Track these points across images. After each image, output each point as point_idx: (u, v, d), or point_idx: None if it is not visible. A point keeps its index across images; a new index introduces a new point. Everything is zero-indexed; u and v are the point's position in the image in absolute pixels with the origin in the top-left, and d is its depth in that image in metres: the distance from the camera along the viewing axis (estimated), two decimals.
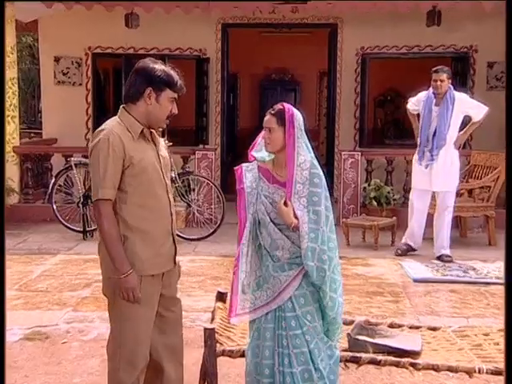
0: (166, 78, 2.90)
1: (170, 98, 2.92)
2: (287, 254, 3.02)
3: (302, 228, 2.94)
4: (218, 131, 10.69)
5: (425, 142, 6.85)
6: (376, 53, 10.35)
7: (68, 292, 5.73)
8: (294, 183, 2.96)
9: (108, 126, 2.91)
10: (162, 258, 2.97)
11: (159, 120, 2.95)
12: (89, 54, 10.57)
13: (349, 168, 8.82)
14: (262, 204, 3.05)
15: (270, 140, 3.04)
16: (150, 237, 2.91)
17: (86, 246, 7.63)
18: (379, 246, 7.47)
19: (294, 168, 2.97)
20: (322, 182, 3.00)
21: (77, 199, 8.14)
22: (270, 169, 3.11)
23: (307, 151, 3.02)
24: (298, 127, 3.01)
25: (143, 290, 2.90)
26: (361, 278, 6.25)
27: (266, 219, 3.04)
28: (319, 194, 2.97)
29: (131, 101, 2.95)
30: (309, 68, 14.29)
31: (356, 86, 10.48)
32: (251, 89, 15.24)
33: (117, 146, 2.83)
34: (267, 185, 3.07)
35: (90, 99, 10.68)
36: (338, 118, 10.59)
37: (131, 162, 2.85)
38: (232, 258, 7.34)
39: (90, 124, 10.64)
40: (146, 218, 2.90)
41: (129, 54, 10.49)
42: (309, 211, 2.95)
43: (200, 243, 7.68)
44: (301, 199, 2.96)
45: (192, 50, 10.51)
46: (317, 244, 2.94)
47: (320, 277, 2.94)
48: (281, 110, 3.04)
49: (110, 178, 2.82)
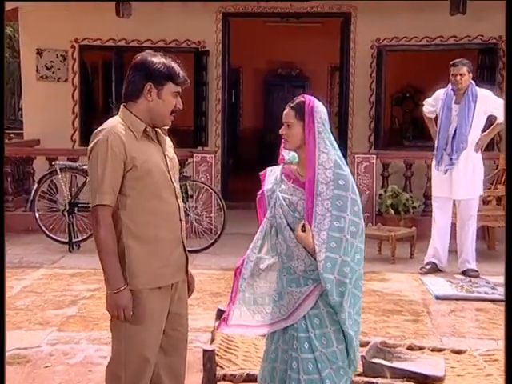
0: (166, 70, 2.93)
1: (172, 92, 2.95)
2: (302, 266, 3.00)
3: (318, 236, 2.91)
4: (218, 132, 10.70)
5: (443, 145, 6.81)
6: (393, 45, 10.36)
7: (52, 310, 5.73)
8: (315, 184, 2.93)
9: (107, 126, 2.93)
10: (171, 268, 2.98)
11: (163, 117, 2.97)
12: (75, 46, 10.61)
13: (363, 172, 8.81)
14: (279, 207, 3.04)
15: (288, 136, 3.04)
16: (157, 245, 2.92)
17: (72, 258, 7.63)
18: (397, 259, 7.45)
19: (316, 167, 2.94)
20: (349, 185, 2.96)
21: (62, 207, 8.15)
22: (293, 169, 3.10)
23: (331, 148, 2.99)
24: (320, 121, 3.00)
25: (150, 305, 2.91)
26: (376, 295, 6.23)
27: (282, 223, 3.02)
28: (345, 199, 2.93)
29: (131, 99, 2.97)
30: (319, 62, 14.32)
31: (371, 81, 10.49)
32: (255, 85, 15.27)
33: (117, 146, 2.85)
34: (287, 185, 3.07)
35: (77, 96, 10.71)
36: (351, 118, 10.59)
37: (133, 164, 2.87)
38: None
39: (77, 124, 10.67)
40: (152, 224, 2.91)
41: (120, 46, 10.53)
42: (331, 217, 2.92)
43: (198, 255, 7.68)
44: (324, 202, 2.93)
45: (190, 42, 10.54)
46: (338, 254, 2.90)
47: (339, 292, 2.91)
48: (301, 102, 3.03)
49: (110, 181, 2.84)
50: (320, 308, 2.98)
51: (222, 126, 10.74)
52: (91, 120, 11.39)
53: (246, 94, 15.41)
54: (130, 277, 2.88)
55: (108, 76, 11.32)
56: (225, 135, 10.81)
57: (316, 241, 2.91)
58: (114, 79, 10.65)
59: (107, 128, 2.91)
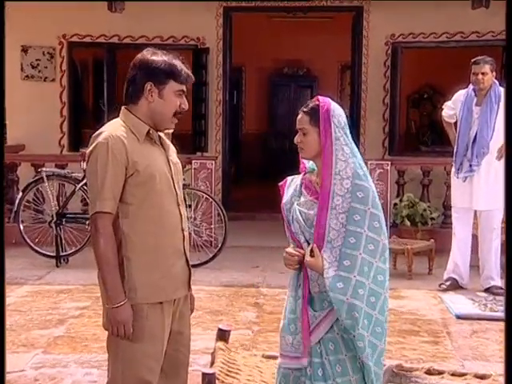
0: (167, 68, 2.95)
1: (175, 91, 2.97)
2: (316, 288, 2.98)
3: (330, 253, 2.89)
4: (218, 136, 10.71)
5: (463, 150, 6.79)
6: (410, 41, 10.36)
7: (37, 330, 5.72)
8: (330, 195, 2.91)
9: (108, 129, 2.96)
10: (173, 281, 2.99)
11: (165, 118, 2.99)
12: (63, 42, 10.64)
13: (376, 180, 8.80)
14: (296, 221, 3.02)
15: (303, 144, 3.01)
16: (158, 256, 2.94)
17: (60, 274, 7.63)
18: (414, 275, 7.43)
19: (332, 176, 2.92)
20: (369, 198, 2.92)
21: (49, 218, 8.15)
22: (312, 180, 3.07)
23: (350, 156, 2.97)
24: (338, 126, 2.99)
25: (150, 321, 2.91)
26: (391, 314, 6.18)
27: (300, 240, 3.01)
28: (362, 213, 2.90)
29: (132, 101, 3.00)
30: (328, 60, 14.33)
31: (385, 81, 10.49)
32: (259, 85, 15.29)
33: (118, 150, 2.87)
34: (306, 198, 3.04)
35: (65, 97, 10.73)
36: (364, 121, 10.59)
37: (136, 169, 2.89)
38: (236, 288, 7.34)
39: (65, 127, 10.68)
40: (154, 234, 2.92)
41: (112, 43, 10.55)
42: (346, 232, 2.89)
43: (197, 270, 7.65)
44: (339, 216, 2.91)
45: (188, 38, 10.56)
46: (353, 273, 2.86)
47: (351, 316, 2.86)
48: (315, 106, 3.01)
49: (110, 187, 2.86)
50: (334, 332, 2.95)
51: (223, 130, 10.75)
52: (81, 123, 11.42)
53: (249, 95, 15.43)
54: (128, 290, 2.89)
55: (99, 75, 11.35)
56: (226, 140, 10.82)
57: (327, 257, 2.89)
58: (106, 79, 10.67)
59: (107, 131, 2.93)
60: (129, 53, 13.27)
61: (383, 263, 2.95)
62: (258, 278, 7.36)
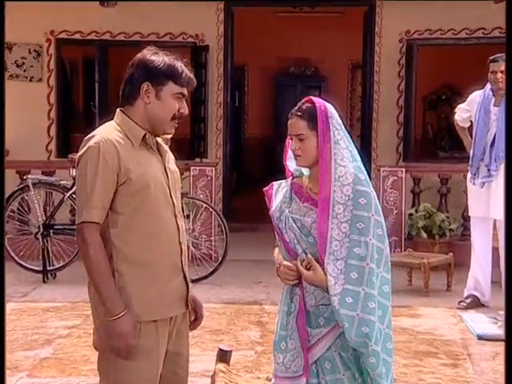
0: (166, 68, 2.98)
1: (174, 93, 2.99)
2: (313, 300, 2.99)
3: (334, 266, 2.89)
4: (219, 141, 10.72)
5: (480, 154, 6.79)
6: (426, 38, 10.38)
7: (22, 352, 5.71)
8: (331, 203, 2.92)
9: (100, 132, 2.97)
10: (169, 298, 2.99)
11: (162, 121, 3.00)
12: (51, 39, 10.66)
13: (390, 189, 8.80)
14: (290, 230, 3.02)
15: (301, 151, 3.01)
16: (153, 271, 2.94)
17: (47, 290, 7.62)
18: (431, 292, 7.42)
19: (331, 183, 2.93)
20: (372, 204, 2.95)
21: (35, 229, 8.15)
22: (303, 185, 3.09)
23: (350, 160, 2.98)
24: (337, 128, 2.99)
25: (144, 341, 2.91)
26: (407, 334, 6.20)
27: (297, 250, 3.02)
28: (366, 220, 2.92)
29: (128, 101, 3.02)
30: (338, 59, 14.36)
31: (399, 82, 10.50)
32: (262, 86, 15.31)
33: (109, 155, 2.87)
34: (298, 205, 3.05)
35: (53, 99, 10.75)
36: (376, 124, 10.59)
37: (128, 177, 2.89)
38: (238, 305, 7.33)
39: (53, 131, 10.70)
40: (148, 247, 2.93)
41: (104, 40, 10.58)
42: (350, 242, 2.90)
43: (196, 286, 7.57)
44: (341, 225, 2.92)
45: (186, 35, 10.58)
46: (361, 287, 2.88)
47: (361, 333, 2.86)
48: (311, 107, 3.01)
49: (99, 195, 2.86)
50: (331, 350, 2.97)
51: (224, 134, 10.76)
52: (70, 127, 11.44)
53: (253, 96, 15.45)
54: None
55: (90, 75, 11.37)
56: (227, 145, 10.83)
57: (331, 271, 2.89)
58: (98, 79, 10.69)
59: (99, 134, 2.94)
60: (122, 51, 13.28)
61: (387, 273, 2.99)
62: (262, 294, 7.35)
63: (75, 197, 2.95)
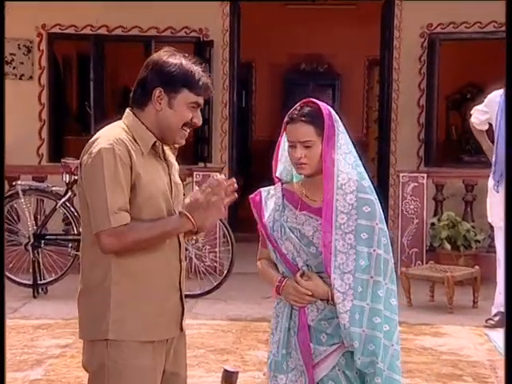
0: (182, 74, 2.95)
1: (189, 103, 2.97)
2: (314, 312, 3.00)
3: (341, 280, 2.91)
4: (224, 144, 10.72)
5: (504, 158, 6.80)
6: (450, 32, 10.37)
7: (11, 373, 5.69)
8: (333, 213, 2.94)
9: (109, 133, 2.94)
10: (165, 318, 2.99)
11: (173, 131, 2.99)
12: (43, 34, 10.69)
13: (410, 196, 8.79)
14: (288, 241, 3.04)
15: (308, 159, 3.01)
16: (152, 287, 2.95)
17: (37, 306, 7.62)
18: (455, 308, 7.40)
19: (333, 191, 2.95)
20: (376, 212, 2.99)
21: (25, 240, 8.16)
22: (297, 192, 3.10)
23: (353, 166, 3.01)
24: (342, 132, 3.02)
25: (140, 361, 2.91)
26: (429, 354, 6.19)
27: (297, 263, 3.03)
28: (370, 230, 2.95)
29: (138, 105, 3.01)
30: (353, 55, 14.36)
31: (420, 79, 10.49)
32: (271, 84, 15.32)
33: (124, 157, 2.87)
34: (294, 213, 3.06)
35: (45, 98, 10.77)
36: (395, 126, 10.58)
37: (137, 184, 2.89)
38: (245, 323, 7.31)
39: (45, 133, 10.72)
40: (148, 261, 2.93)
41: (100, 35, 10.60)
42: (356, 254, 2.92)
43: (199, 301, 7.65)
44: (346, 236, 2.94)
45: (189, 29, 10.60)
46: (365, 301, 2.91)
47: (368, 352, 2.89)
48: (315, 110, 3.02)
49: (124, 197, 2.85)
50: (335, 369, 2.97)
51: (230, 137, 10.77)
52: (63, 129, 11.46)
53: (260, 95, 15.46)
54: (113, 323, 2.89)
55: (85, 73, 11.39)
56: (233, 148, 10.83)
57: (338, 286, 2.91)
58: (93, 77, 10.70)
59: (110, 135, 2.92)
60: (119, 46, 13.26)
61: (392, 283, 3.00)
62: (270, 310, 7.30)
63: (89, 205, 2.90)
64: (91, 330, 2.94)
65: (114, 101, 13.10)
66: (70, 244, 7.99)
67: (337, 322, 2.96)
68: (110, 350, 2.89)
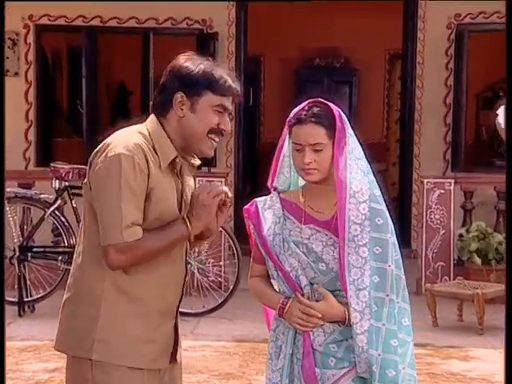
0: (203, 75, 2.96)
1: (213, 106, 2.97)
2: (321, 336, 3.00)
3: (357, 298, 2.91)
4: (230, 147, 10.74)
5: None
6: (480, 23, 10.37)
7: None
8: (346, 224, 2.94)
9: (127, 137, 2.94)
10: (156, 346, 2.99)
11: (197, 138, 2.98)
12: (30, 26, 10.73)
13: (435, 204, 8.77)
14: (292, 257, 3.03)
15: (318, 164, 3.00)
16: (145, 311, 2.95)
17: (23, 326, 7.62)
18: (486, 329, 7.38)
19: (346, 200, 2.96)
20: (389, 224, 3.00)
21: (10, 252, 8.16)
22: (298, 202, 3.10)
23: (365, 172, 3.02)
24: (352, 135, 3.03)
25: None
26: (457, 380, 6.17)
27: (301, 281, 3.03)
28: (384, 244, 2.97)
29: (160, 113, 3.01)
30: (373, 48, 14.34)
31: (447, 75, 10.49)
32: (282, 81, 15.32)
33: (143, 168, 2.87)
34: (298, 226, 3.06)
35: (33, 96, 10.80)
36: (419, 126, 10.58)
37: (149, 198, 2.90)
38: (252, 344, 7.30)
39: (32, 135, 10.74)
40: (146, 283, 2.94)
41: (93, 26, 10.63)
42: (370, 270, 2.93)
43: (202, 320, 7.65)
44: (359, 249, 2.94)
45: (191, 21, 10.62)
46: (381, 321, 2.92)
47: (386, 378, 2.89)
48: (324, 111, 3.03)
49: (137, 210, 2.86)
50: None
51: (236, 139, 10.79)
52: (52, 130, 11.48)
53: (270, 93, 15.46)
54: (98, 343, 2.89)
55: (76, 68, 11.42)
56: (239, 151, 10.85)
57: (355, 305, 2.92)
58: (85, 73, 10.74)
59: (128, 140, 2.91)
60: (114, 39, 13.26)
61: (405, 302, 3.02)
62: None
63: (98, 214, 2.89)
64: (74, 345, 2.95)
65: (108, 99, 13.13)
66: (59, 257, 7.97)
67: (347, 345, 2.97)
68: (95, 373, 2.90)
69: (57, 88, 12.82)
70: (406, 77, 10.97)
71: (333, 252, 2.97)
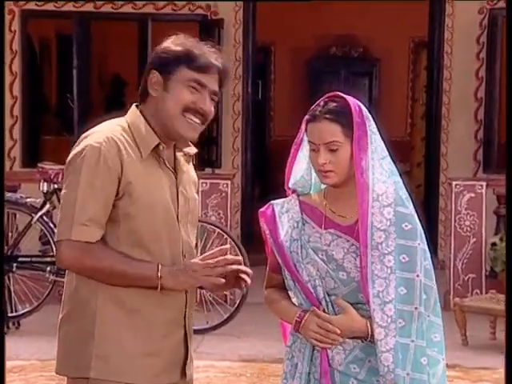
0: (181, 52, 2.97)
1: (186, 80, 2.97)
2: (341, 354, 3.00)
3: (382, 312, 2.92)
4: (237, 145, 10.74)
5: None
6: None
7: None
8: (369, 231, 2.95)
9: (103, 129, 2.98)
10: (160, 360, 2.99)
11: (171, 118, 2.98)
12: (15, 11, 10.74)
13: (465, 209, 8.77)
14: (311, 265, 3.04)
15: (334, 165, 3.01)
16: (146, 322, 2.95)
17: (8, 344, 7.61)
18: None
19: (368, 204, 2.96)
20: (417, 230, 3.00)
21: None
22: (318, 205, 3.11)
23: (389, 173, 3.02)
24: (373, 132, 3.03)
25: None
26: None
27: (318, 293, 3.03)
28: (412, 251, 2.97)
29: (141, 98, 3.06)
30: (395, 36, 14.37)
31: (479, 66, 10.49)
32: (294, 73, 15.35)
33: (112, 160, 2.88)
34: (317, 231, 3.07)
35: (18, 90, 10.82)
36: (447, 123, 10.58)
37: (127, 193, 2.90)
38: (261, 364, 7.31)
39: (17, 133, 10.76)
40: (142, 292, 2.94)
41: (85, 12, 10.64)
42: (396, 280, 2.93)
43: (206, 338, 7.65)
44: (385, 258, 2.94)
45: (193, 6, 10.63)
46: (410, 337, 2.92)
47: None
48: (341, 106, 3.03)
49: (98, 208, 2.87)
50: None
51: (243, 137, 10.79)
52: (40, 127, 11.50)
53: (281, 86, 15.49)
54: (97, 359, 2.91)
55: (66, 58, 11.44)
56: (247, 150, 10.85)
57: (379, 320, 2.92)
58: (77, 64, 10.75)
59: (102, 131, 2.95)
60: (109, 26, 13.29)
61: (436, 316, 3.03)
62: None
63: (60, 207, 2.94)
64: (70, 365, 2.96)
65: (102, 93, 13.15)
66: (48, 268, 7.97)
67: (369, 366, 2.97)
68: None
69: (45, 80, 12.84)
70: (432, 67, 10.97)
71: (355, 260, 2.97)
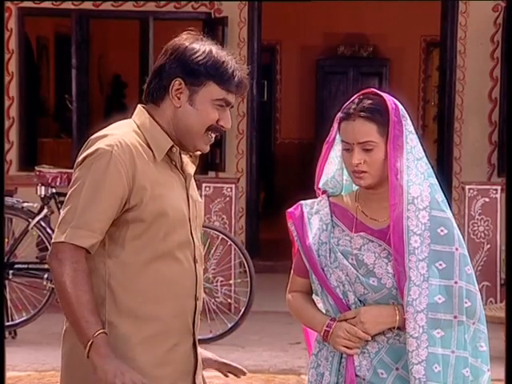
0: (209, 63, 2.94)
1: (214, 99, 2.96)
2: (367, 359, 2.99)
3: (415, 321, 2.90)
4: (241, 148, 10.74)
5: None
6: None
7: None
8: (405, 235, 2.93)
9: (115, 131, 2.95)
10: (171, 368, 3.00)
11: (193, 134, 2.97)
12: (12, 9, 10.76)
13: (479, 214, 8.76)
14: (340, 270, 3.02)
15: (368, 166, 2.99)
16: (157, 331, 2.95)
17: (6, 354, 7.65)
18: None
19: (404, 207, 2.94)
20: (455, 234, 2.98)
21: None
22: (349, 207, 3.10)
23: (425, 175, 3.01)
24: (410, 131, 3.01)
25: None
26: None
27: (348, 299, 3.03)
28: (449, 257, 2.95)
29: (154, 100, 3.01)
30: (406, 35, 14.37)
31: (493, 65, 10.47)
32: (301, 73, 15.34)
33: (123, 165, 2.86)
34: (347, 234, 3.06)
35: (15, 91, 10.83)
36: (460, 125, 10.56)
37: (141, 198, 2.88)
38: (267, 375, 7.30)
39: (14, 135, 10.77)
40: (155, 297, 2.94)
41: (84, 10, 10.65)
42: (429, 289, 2.91)
43: (210, 348, 7.56)
44: (419, 264, 2.92)
45: (196, 4, 10.64)
46: (450, 349, 2.90)
47: None
48: (377, 104, 3.03)
49: (99, 213, 2.85)
50: None
51: (248, 139, 10.79)
52: (37, 129, 11.50)
53: (287, 86, 15.49)
54: None
55: (65, 58, 11.46)
56: (252, 153, 10.85)
57: (411, 330, 2.90)
58: (75, 63, 10.76)
59: (115, 134, 2.92)
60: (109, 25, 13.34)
61: (482, 324, 3.00)
62: (300, 359, 7.32)
63: (62, 207, 2.91)
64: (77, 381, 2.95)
65: (102, 94, 13.16)
66: (45, 275, 7.97)
67: (397, 374, 2.96)
68: None
69: (43, 81, 12.85)
70: (444, 67, 10.95)
71: (386, 265, 2.97)
